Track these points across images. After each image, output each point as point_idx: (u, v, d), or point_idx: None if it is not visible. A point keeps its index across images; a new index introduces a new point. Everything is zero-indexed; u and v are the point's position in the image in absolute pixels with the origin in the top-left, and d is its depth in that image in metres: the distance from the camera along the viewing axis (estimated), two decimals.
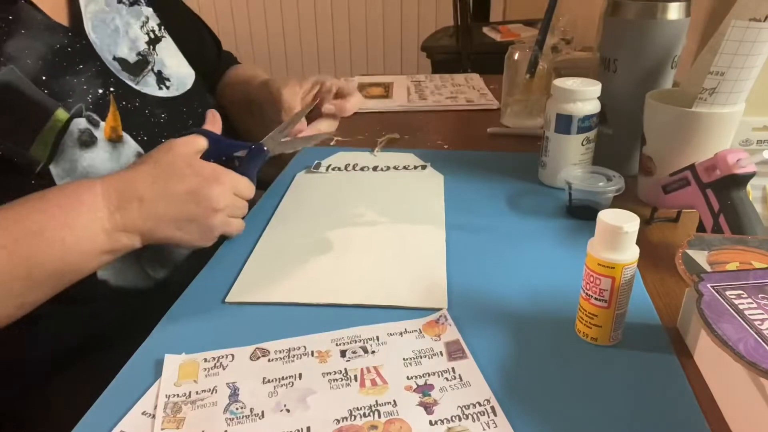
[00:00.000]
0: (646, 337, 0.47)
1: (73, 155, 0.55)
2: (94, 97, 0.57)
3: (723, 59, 0.58)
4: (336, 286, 0.55)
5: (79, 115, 0.55)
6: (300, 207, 0.71)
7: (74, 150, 0.55)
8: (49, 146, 0.53)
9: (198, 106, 0.70)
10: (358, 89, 1.23)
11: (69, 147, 0.54)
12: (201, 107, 0.68)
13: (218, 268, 0.59)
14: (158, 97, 0.65)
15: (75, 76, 0.56)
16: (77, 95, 0.55)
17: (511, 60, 0.97)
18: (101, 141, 0.57)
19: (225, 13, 2.99)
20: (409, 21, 2.88)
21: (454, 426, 0.39)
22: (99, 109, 0.57)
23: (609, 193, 0.64)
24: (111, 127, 0.57)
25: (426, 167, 0.82)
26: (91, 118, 0.56)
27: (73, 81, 0.56)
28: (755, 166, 0.55)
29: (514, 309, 0.51)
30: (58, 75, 0.54)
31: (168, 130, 0.64)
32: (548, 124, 0.72)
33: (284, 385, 0.43)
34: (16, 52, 0.52)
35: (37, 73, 0.53)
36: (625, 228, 0.42)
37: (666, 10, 0.68)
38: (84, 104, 0.56)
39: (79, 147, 0.55)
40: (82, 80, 0.56)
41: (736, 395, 0.39)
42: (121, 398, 0.42)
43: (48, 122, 0.52)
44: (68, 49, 0.56)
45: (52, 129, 0.53)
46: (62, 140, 0.54)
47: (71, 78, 0.56)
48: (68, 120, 0.54)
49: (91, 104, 0.56)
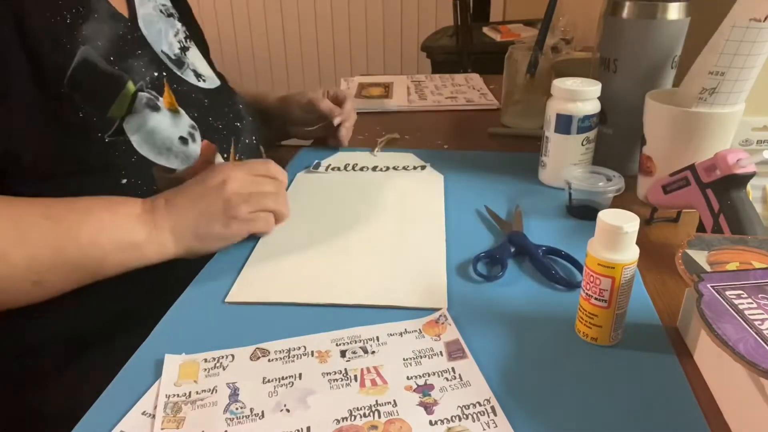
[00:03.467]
0: (646, 337, 0.47)
1: (144, 114, 0.61)
2: (151, 78, 0.64)
3: (723, 59, 0.58)
4: (336, 286, 0.55)
5: (142, 90, 0.62)
6: (300, 207, 0.71)
7: (145, 110, 0.62)
8: (125, 107, 0.60)
9: (230, 100, 0.78)
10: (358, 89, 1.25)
11: (140, 108, 0.61)
12: (233, 102, 0.78)
13: (218, 268, 0.59)
14: (199, 87, 0.73)
15: (135, 59, 0.63)
16: (139, 75, 0.63)
17: (511, 60, 0.97)
18: (164, 109, 0.64)
19: (225, 13, 2.99)
20: (409, 21, 2.88)
21: (454, 426, 0.39)
22: (156, 88, 0.64)
23: (609, 193, 0.64)
24: (169, 102, 0.65)
25: (426, 167, 0.82)
26: (151, 93, 0.63)
27: (134, 63, 0.63)
28: (755, 166, 0.55)
29: (514, 309, 0.51)
30: (123, 56, 0.62)
31: (212, 114, 0.71)
32: (548, 124, 0.72)
33: (284, 385, 0.43)
34: (91, 34, 0.59)
35: (107, 53, 0.60)
36: (625, 228, 0.42)
37: (666, 10, 0.68)
38: (144, 83, 0.63)
39: (149, 109, 0.62)
40: (141, 63, 0.64)
41: (736, 395, 0.39)
42: (121, 398, 0.42)
43: (123, 90, 0.60)
44: (128, 36, 0.64)
45: (125, 96, 0.60)
46: (134, 103, 0.61)
47: (132, 60, 0.63)
48: (136, 91, 0.61)
49: (149, 83, 0.64)
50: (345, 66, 3.01)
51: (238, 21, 3.02)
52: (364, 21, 2.92)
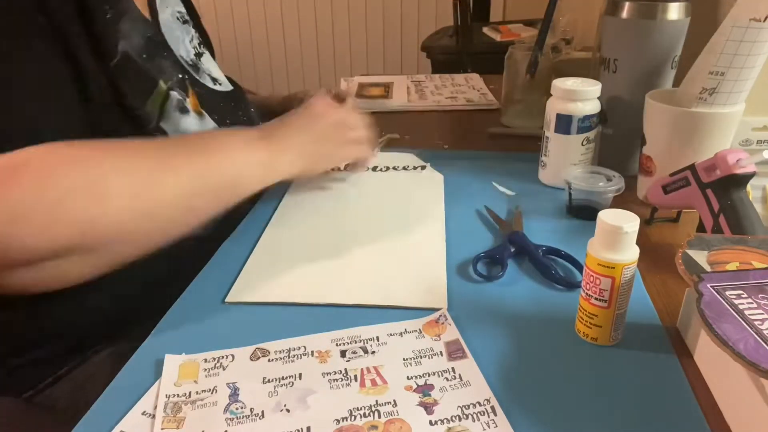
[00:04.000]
0: (646, 337, 0.47)
1: (176, 118, 0.63)
2: (177, 80, 0.65)
3: (723, 59, 0.58)
4: (336, 286, 0.55)
5: (172, 89, 0.64)
6: (300, 207, 0.71)
7: (176, 113, 0.63)
8: (158, 107, 0.62)
9: (243, 103, 0.79)
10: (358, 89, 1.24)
11: (171, 110, 0.63)
12: (245, 105, 0.79)
13: (218, 268, 0.59)
14: (216, 90, 0.75)
15: (162, 59, 0.65)
16: (167, 74, 0.64)
17: (511, 60, 0.97)
18: (191, 111, 0.66)
19: (225, 13, 2.99)
20: (409, 21, 2.87)
21: (454, 426, 0.39)
22: (183, 89, 0.66)
23: (609, 193, 0.64)
24: (194, 104, 0.67)
25: (426, 167, 0.82)
26: (181, 94, 0.65)
27: (162, 63, 0.64)
28: (755, 166, 0.55)
29: (514, 309, 0.51)
30: (153, 56, 0.63)
31: (229, 117, 0.73)
32: (548, 124, 0.72)
33: (284, 385, 0.43)
34: (127, 30, 0.60)
35: (140, 51, 0.61)
36: (625, 228, 0.42)
37: (666, 10, 0.68)
38: (172, 82, 0.64)
39: (179, 112, 0.64)
40: (167, 64, 0.65)
41: (736, 395, 0.39)
42: (121, 398, 0.42)
43: (156, 88, 0.62)
44: (153, 39, 0.65)
45: (159, 94, 0.62)
46: (167, 104, 0.63)
47: (160, 60, 0.64)
48: (167, 90, 0.63)
49: (177, 84, 0.65)
50: (345, 66, 3.01)
51: (238, 21, 3.01)
52: (364, 21, 2.92)
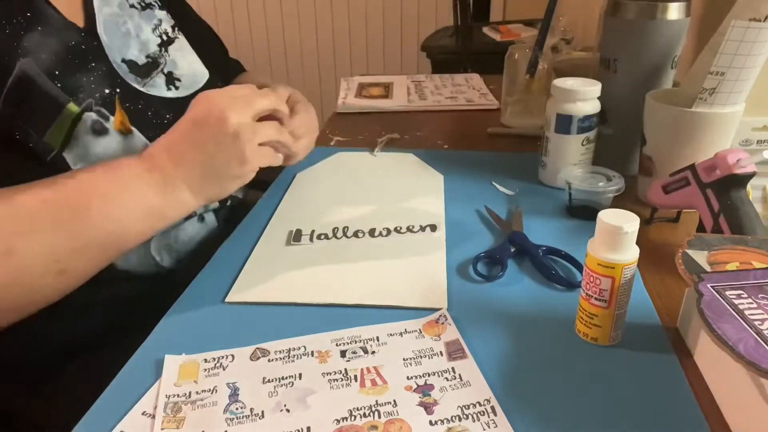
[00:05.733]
0: (646, 337, 0.47)
1: (87, 142, 0.57)
2: (101, 95, 0.58)
3: (723, 59, 0.58)
4: (336, 286, 0.55)
5: (89, 109, 0.57)
6: (300, 207, 0.71)
7: (88, 137, 0.57)
8: (64, 133, 0.55)
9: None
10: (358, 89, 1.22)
11: (82, 134, 0.56)
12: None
13: (218, 268, 0.59)
14: (165, 98, 0.66)
15: (85, 74, 0.58)
16: (87, 92, 0.57)
17: (511, 60, 0.97)
18: (112, 131, 0.59)
19: (225, 13, 2.99)
20: (409, 21, 2.87)
21: (454, 426, 0.39)
22: (107, 106, 0.59)
23: (609, 193, 0.64)
24: (120, 122, 0.60)
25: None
26: (100, 113, 0.58)
27: (83, 78, 0.57)
28: (755, 166, 0.55)
29: (514, 309, 0.51)
30: (71, 71, 0.56)
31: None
32: (548, 124, 0.72)
33: (284, 385, 0.43)
34: (33, 46, 0.54)
35: (50, 68, 0.54)
36: (625, 228, 0.42)
37: (666, 10, 0.68)
38: (93, 100, 0.58)
39: (93, 134, 0.57)
40: (91, 78, 0.58)
41: (736, 395, 0.39)
42: (121, 398, 0.42)
43: (60, 114, 0.54)
44: (81, 47, 0.58)
45: (66, 118, 0.55)
46: (76, 128, 0.56)
47: (81, 75, 0.57)
48: (80, 113, 0.56)
49: (99, 101, 0.58)
50: (345, 66, 3.01)
51: (237, 21, 3.02)
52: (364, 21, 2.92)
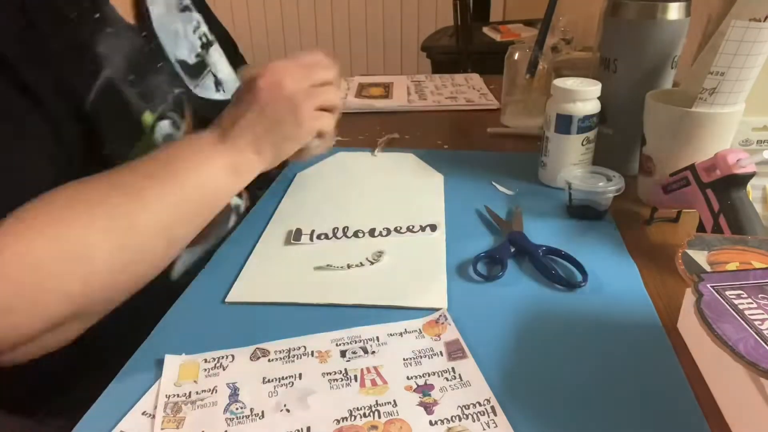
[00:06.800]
0: (646, 337, 0.47)
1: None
2: (172, 96, 0.59)
3: (723, 59, 0.58)
4: (336, 286, 0.55)
5: (163, 117, 0.58)
6: (300, 207, 0.71)
7: (161, 144, 0.58)
8: (144, 150, 0.55)
9: None
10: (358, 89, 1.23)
11: (158, 144, 0.58)
12: None
13: (218, 268, 0.59)
14: (215, 101, 0.67)
15: (155, 75, 0.58)
16: (159, 96, 0.58)
17: (511, 60, 0.97)
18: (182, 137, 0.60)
19: (224, 13, 2.99)
20: (409, 21, 2.88)
21: (454, 426, 0.39)
22: (177, 109, 0.60)
23: (609, 193, 0.64)
24: (189, 124, 0.62)
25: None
26: (173, 119, 0.59)
27: (153, 81, 0.58)
28: (755, 166, 0.55)
29: (514, 309, 0.51)
30: (142, 75, 0.56)
31: None
32: (548, 124, 0.72)
33: (284, 385, 0.43)
34: (107, 50, 0.53)
35: (125, 73, 0.54)
36: None
37: (666, 10, 0.68)
38: (166, 105, 0.58)
39: (165, 141, 0.59)
40: (161, 79, 0.59)
41: (736, 395, 0.39)
42: (121, 398, 0.42)
43: (141, 128, 0.56)
44: (145, 49, 0.58)
45: (146, 132, 0.56)
46: (152, 138, 0.57)
47: (152, 77, 0.58)
48: (155, 120, 0.57)
49: (171, 105, 0.59)
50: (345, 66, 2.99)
51: (237, 21, 3.02)
52: (364, 21, 2.92)
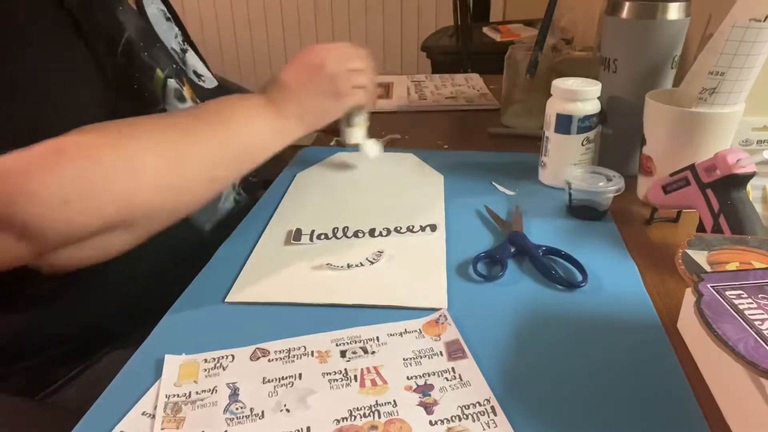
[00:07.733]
0: (646, 337, 0.47)
1: (175, 105, 0.65)
2: (172, 68, 0.66)
3: (723, 59, 0.58)
4: (336, 286, 0.55)
5: (170, 77, 0.65)
6: (300, 207, 0.71)
7: (174, 101, 0.65)
8: (160, 90, 0.63)
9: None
10: None
11: (171, 97, 0.65)
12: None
13: (218, 268, 0.59)
14: (199, 86, 0.75)
15: (156, 50, 0.65)
16: (163, 64, 0.65)
17: (511, 60, 0.97)
18: (189, 100, 0.67)
19: (224, 13, 2.99)
20: (409, 21, 2.87)
21: (454, 426, 0.39)
22: (179, 79, 0.67)
23: (609, 193, 0.64)
24: (190, 93, 0.68)
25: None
26: (177, 82, 0.66)
27: (157, 53, 0.65)
28: (755, 166, 0.55)
29: (514, 309, 0.51)
30: (148, 46, 0.64)
31: None
32: (548, 124, 0.72)
33: (284, 385, 0.43)
34: (124, 20, 0.61)
35: (137, 40, 0.62)
36: None
37: (666, 10, 0.68)
38: (170, 70, 0.65)
39: (178, 100, 0.66)
40: (162, 54, 0.66)
41: (736, 395, 0.39)
42: (121, 398, 0.42)
43: (155, 75, 0.63)
44: (146, 30, 0.66)
45: (159, 79, 0.64)
46: (166, 90, 0.64)
47: (155, 51, 0.65)
48: (165, 78, 0.64)
49: (173, 73, 0.66)
50: None
51: (237, 21, 3.01)
52: (364, 21, 2.92)
